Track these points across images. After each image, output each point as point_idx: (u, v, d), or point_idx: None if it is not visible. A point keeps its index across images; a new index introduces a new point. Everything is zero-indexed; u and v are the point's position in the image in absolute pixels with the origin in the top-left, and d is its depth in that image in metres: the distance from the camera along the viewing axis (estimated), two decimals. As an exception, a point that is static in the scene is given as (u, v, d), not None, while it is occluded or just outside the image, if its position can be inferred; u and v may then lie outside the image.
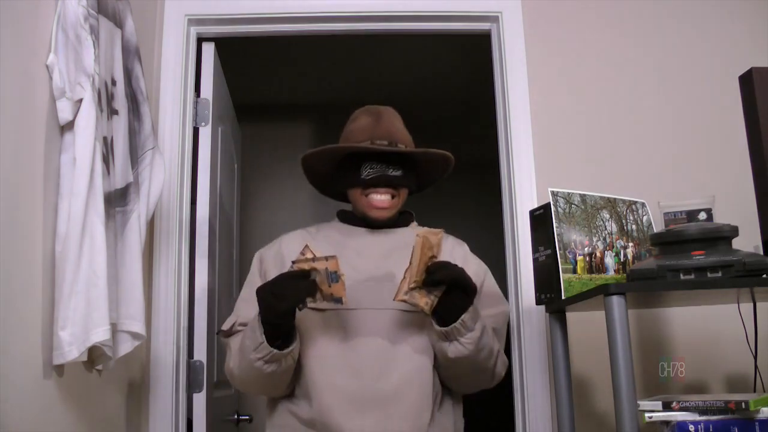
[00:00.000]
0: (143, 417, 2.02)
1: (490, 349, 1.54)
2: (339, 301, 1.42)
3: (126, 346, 1.62)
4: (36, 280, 1.38)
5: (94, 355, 1.52)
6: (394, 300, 1.43)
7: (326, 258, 1.38)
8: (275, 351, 1.43)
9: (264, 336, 1.42)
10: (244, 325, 1.58)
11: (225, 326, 1.63)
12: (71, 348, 1.37)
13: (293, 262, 1.41)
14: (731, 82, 1.69)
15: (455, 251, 1.70)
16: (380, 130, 1.67)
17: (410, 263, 1.41)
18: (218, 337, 1.66)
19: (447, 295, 1.44)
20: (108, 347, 1.49)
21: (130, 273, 1.63)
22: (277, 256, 1.66)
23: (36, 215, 1.39)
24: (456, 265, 1.46)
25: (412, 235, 1.48)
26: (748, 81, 1.55)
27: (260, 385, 1.55)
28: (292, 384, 1.57)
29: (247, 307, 1.59)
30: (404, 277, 1.42)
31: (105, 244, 1.44)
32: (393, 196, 1.66)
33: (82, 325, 1.38)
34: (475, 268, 1.68)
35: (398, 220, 1.74)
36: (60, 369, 1.44)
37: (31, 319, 1.36)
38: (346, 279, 1.43)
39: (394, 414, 1.49)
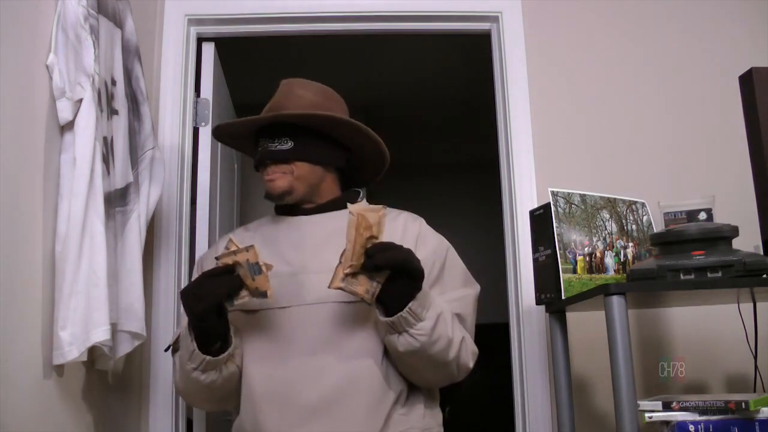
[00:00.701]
0: (143, 417, 2.02)
1: (448, 340, 1.37)
2: (263, 295, 1.30)
3: (126, 346, 1.62)
4: (36, 280, 1.38)
5: (94, 355, 1.52)
6: (328, 287, 1.28)
7: (246, 249, 1.27)
8: (208, 358, 1.32)
9: (195, 342, 1.31)
10: None
11: (171, 341, 1.49)
12: (71, 348, 1.37)
13: (216, 259, 1.31)
14: (731, 82, 1.69)
15: (408, 229, 1.52)
16: (272, 104, 1.53)
17: (346, 246, 1.26)
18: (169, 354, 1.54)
19: (391, 281, 1.28)
20: (108, 347, 1.49)
21: (130, 273, 1.63)
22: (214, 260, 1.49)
23: (36, 215, 1.39)
24: (400, 246, 1.29)
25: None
26: (748, 81, 1.55)
27: (204, 398, 1.44)
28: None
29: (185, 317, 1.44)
30: (339, 262, 1.27)
31: (105, 244, 1.44)
32: (290, 173, 1.48)
33: (82, 325, 1.38)
34: (434, 245, 1.51)
35: (336, 202, 1.54)
36: (60, 369, 1.44)
37: (31, 319, 1.36)
38: (278, 274, 1.33)
39: (333, 424, 1.34)
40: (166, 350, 1.53)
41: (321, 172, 1.52)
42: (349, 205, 1.28)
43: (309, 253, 1.46)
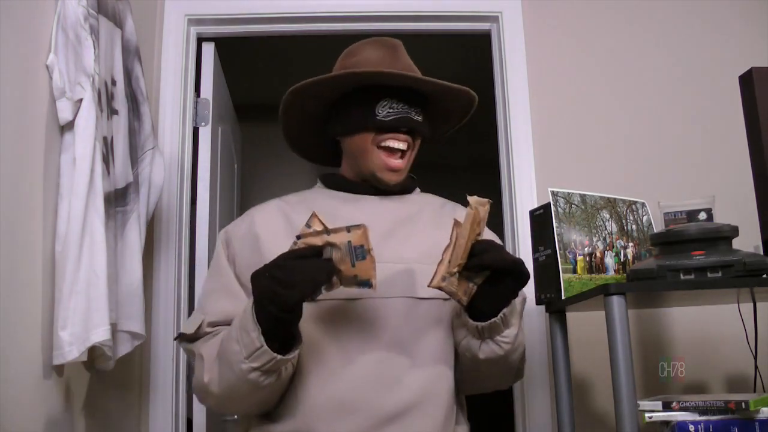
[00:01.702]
0: (143, 417, 2.02)
1: (524, 348, 1.30)
2: (367, 284, 1.11)
3: (126, 346, 1.62)
4: (36, 280, 1.38)
5: (94, 355, 1.52)
6: (428, 286, 1.14)
7: (347, 229, 1.08)
8: (279, 357, 1.11)
9: (263, 338, 1.10)
10: (216, 325, 1.25)
11: (188, 328, 1.25)
12: (71, 348, 1.37)
13: (298, 237, 1.10)
14: (731, 82, 1.69)
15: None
16: (400, 64, 1.34)
17: (452, 242, 1.13)
18: (178, 343, 1.30)
19: (490, 283, 1.16)
20: (108, 347, 1.49)
21: (130, 273, 1.63)
22: (247, 237, 1.31)
23: (36, 215, 1.39)
24: (502, 246, 1.19)
25: (419, 204, 1.26)
26: (748, 81, 1.55)
27: (251, 402, 1.21)
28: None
29: (216, 302, 1.27)
30: (442, 260, 1.14)
31: (105, 244, 1.44)
32: (408, 148, 1.34)
33: (82, 325, 1.38)
34: (489, 236, 1.38)
35: (406, 186, 1.41)
36: (60, 369, 1.44)
37: (31, 319, 1.36)
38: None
39: None
40: (176, 338, 1.33)
41: None
42: (469, 196, 1.14)
43: (376, 239, 1.21)
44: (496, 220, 2.42)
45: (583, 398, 2.07)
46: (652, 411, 1.43)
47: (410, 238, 1.26)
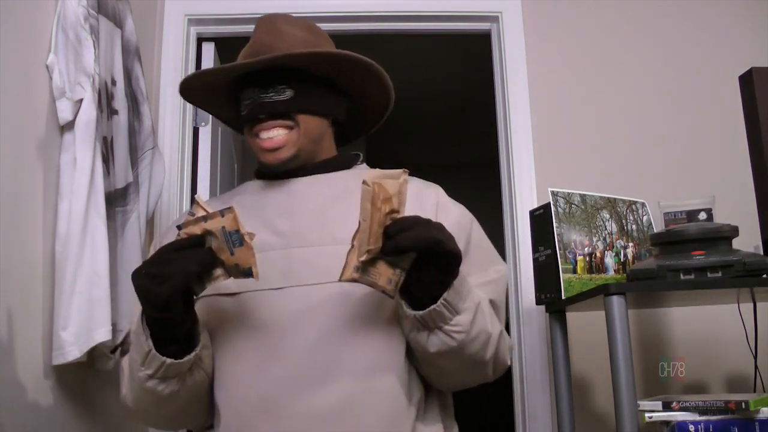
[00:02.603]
0: (143, 417, 2.02)
1: (487, 335, 1.09)
2: (248, 273, 1.00)
3: (126, 347, 1.62)
4: (36, 280, 1.38)
5: (94, 355, 1.52)
6: (339, 280, 0.99)
7: (221, 213, 0.96)
8: (169, 361, 1.00)
9: (151, 340, 0.99)
10: None
11: (118, 340, 1.17)
12: (72, 348, 1.37)
13: (179, 227, 0.99)
14: (731, 82, 1.69)
15: (424, 197, 1.22)
16: (255, 45, 1.22)
17: (359, 225, 0.96)
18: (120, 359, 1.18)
19: (420, 266, 0.99)
20: (108, 347, 1.49)
21: (130, 273, 1.63)
22: (169, 236, 1.16)
23: (36, 215, 1.39)
24: (428, 221, 0.98)
25: (358, 179, 1.00)
26: (748, 81, 1.55)
27: (162, 414, 1.10)
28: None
29: (136, 307, 1.09)
30: (352, 246, 0.98)
31: (106, 244, 1.44)
32: (290, 128, 1.18)
33: (84, 325, 1.38)
34: (456, 217, 1.21)
35: (334, 161, 1.26)
36: (60, 369, 1.44)
37: (32, 319, 1.36)
38: (265, 247, 1.05)
39: None
40: (112, 352, 1.19)
41: (324, 126, 1.24)
42: (363, 173, 0.98)
43: (304, 222, 1.15)
44: (496, 221, 2.43)
45: (583, 398, 2.07)
46: (652, 411, 1.43)
47: (345, 216, 1.08)
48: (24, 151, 1.36)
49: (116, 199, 1.60)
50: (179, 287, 0.96)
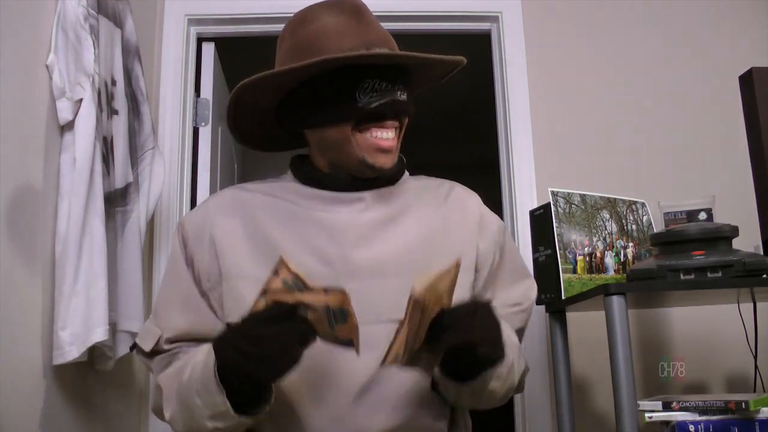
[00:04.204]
0: (143, 417, 2.02)
1: (519, 372, 1.10)
2: (349, 343, 0.92)
3: (126, 346, 1.62)
4: (36, 280, 1.38)
5: (94, 355, 1.52)
6: (381, 365, 0.92)
7: (325, 290, 0.88)
8: (245, 419, 0.95)
9: (229, 402, 0.93)
10: (174, 342, 1.08)
11: (144, 343, 1.08)
12: (71, 348, 1.37)
13: (264, 292, 0.89)
14: (731, 82, 1.69)
15: (468, 209, 1.18)
16: (374, 33, 1.10)
17: (404, 323, 0.90)
18: (135, 354, 1.13)
19: (456, 355, 0.96)
20: (108, 347, 1.49)
21: (130, 273, 1.63)
22: (204, 238, 1.10)
23: (36, 215, 1.39)
24: (475, 311, 0.93)
25: (410, 189, 1.08)
26: (748, 81, 1.55)
27: None
28: None
29: (174, 316, 1.08)
30: (396, 336, 0.91)
31: (105, 244, 1.44)
32: (397, 131, 1.12)
33: (82, 325, 1.38)
34: (495, 230, 1.18)
35: (390, 174, 1.16)
36: (60, 369, 1.44)
37: (31, 319, 1.36)
38: (314, 276, 0.93)
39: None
40: (132, 349, 1.14)
41: None
42: (414, 280, 0.88)
43: (363, 249, 1.07)
44: (496, 220, 2.43)
45: (583, 398, 2.07)
46: (652, 411, 1.43)
47: (394, 240, 1.07)
48: (24, 151, 1.36)
49: (116, 199, 1.60)
50: (283, 373, 0.89)
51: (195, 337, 1.08)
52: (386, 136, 1.08)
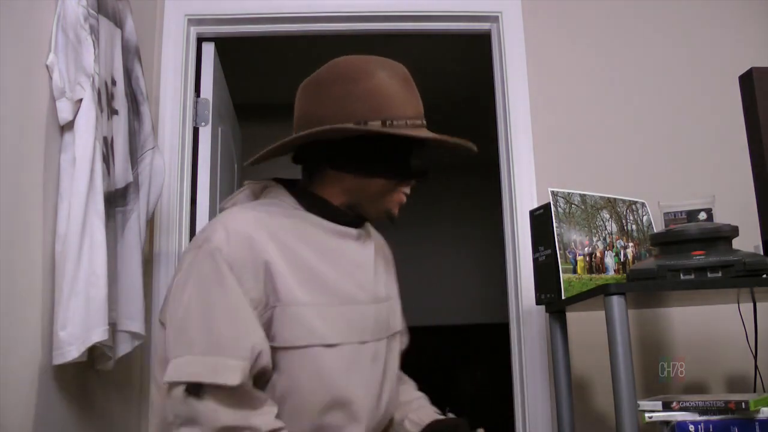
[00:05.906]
0: (143, 417, 2.02)
1: None
2: None
3: (126, 346, 1.62)
4: (36, 280, 1.38)
5: (94, 355, 1.52)
6: None
7: None
8: None
9: None
10: (252, 369, 1.09)
11: (189, 376, 1.04)
12: (71, 348, 1.37)
13: None
14: (731, 82, 1.69)
15: (387, 255, 1.45)
16: (420, 103, 1.28)
17: None
18: (183, 395, 1.06)
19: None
20: (107, 347, 1.49)
21: (130, 273, 1.63)
22: (254, 259, 1.13)
23: (36, 215, 1.39)
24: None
25: (373, 234, 1.35)
26: (748, 81, 1.55)
27: None
28: None
29: (249, 330, 1.09)
30: None
31: (105, 244, 1.44)
32: None
33: (81, 325, 1.38)
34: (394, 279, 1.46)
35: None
36: (60, 369, 1.44)
37: (31, 319, 1.36)
38: (358, 301, 1.21)
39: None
40: (171, 384, 1.06)
41: None
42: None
43: (375, 278, 1.30)
44: (496, 220, 2.44)
45: (583, 398, 2.07)
46: (652, 411, 1.43)
47: (380, 273, 1.33)
48: (24, 151, 1.36)
49: (116, 199, 1.60)
50: None
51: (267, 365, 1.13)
52: (407, 192, 1.27)
